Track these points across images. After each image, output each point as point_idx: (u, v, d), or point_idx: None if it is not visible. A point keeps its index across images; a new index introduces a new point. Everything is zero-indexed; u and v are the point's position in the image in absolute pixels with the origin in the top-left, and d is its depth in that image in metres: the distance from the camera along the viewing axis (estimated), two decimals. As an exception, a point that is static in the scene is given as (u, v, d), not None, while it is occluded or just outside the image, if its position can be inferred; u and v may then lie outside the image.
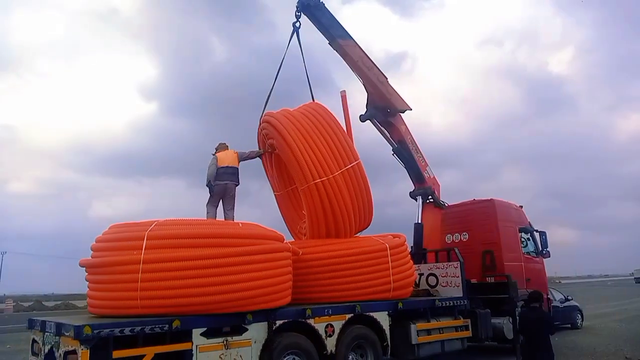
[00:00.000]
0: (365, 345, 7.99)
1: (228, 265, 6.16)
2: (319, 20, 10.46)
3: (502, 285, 10.46)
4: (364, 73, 10.93)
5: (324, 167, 8.15)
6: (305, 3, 10.24)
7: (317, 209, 8.25)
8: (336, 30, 10.61)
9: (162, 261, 5.95)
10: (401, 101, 11.50)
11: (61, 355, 5.51)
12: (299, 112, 8.87)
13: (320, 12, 10.47)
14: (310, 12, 10.35)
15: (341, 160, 8.35)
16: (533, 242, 12.62)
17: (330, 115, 8.83)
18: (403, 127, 11.68)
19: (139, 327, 5.51)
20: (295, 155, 8.10)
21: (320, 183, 8.06)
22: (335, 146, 8.40)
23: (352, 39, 10.75)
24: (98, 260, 6.41)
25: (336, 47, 10.71)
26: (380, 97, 11.25)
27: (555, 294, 16.61)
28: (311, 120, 8.59)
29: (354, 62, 10.79)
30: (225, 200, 8.58)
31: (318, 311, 7.34)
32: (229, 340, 6.21)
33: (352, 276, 8.05)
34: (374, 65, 11.04)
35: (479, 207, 12.13)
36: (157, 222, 6.51)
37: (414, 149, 11.83)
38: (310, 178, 8.05)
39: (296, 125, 8.38)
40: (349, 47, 10.70)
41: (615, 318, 20.19)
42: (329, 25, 10.54)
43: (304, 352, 7.02)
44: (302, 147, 8.14)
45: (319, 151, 8.23)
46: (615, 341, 12.96)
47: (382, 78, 11.20)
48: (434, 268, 10.76)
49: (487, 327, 10.32)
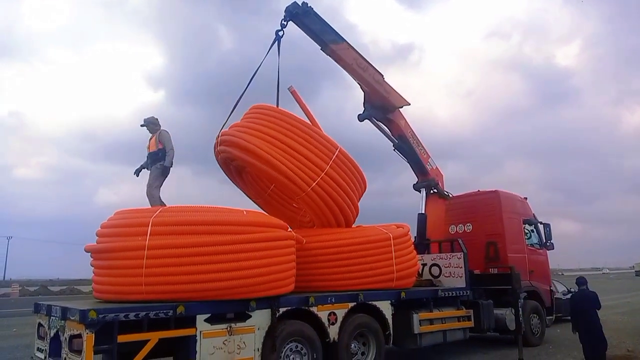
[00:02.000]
0: (367, 334, 8.03)
1: (232, 253, 6.17)
2: (309, 27, 9.81)
3: (505, 277, 10.45)
4: (359, 75, 10.50)
5: (312, 169, 7.81)
6: (294, 11, 9.48)
7: (322, 209, 8.11)
8: (328, 35, 9.98)
9: (166, 247, 5.97)
10: (399, 97, 11.23)
11: (66, 339, 5.56)
12: (255, 122, 8.09)
13: (310, 19, 9.77)
14: (300, 20, 9.65)
15: (323, 154, 8.02)
16: (537, 234, 12.61)
17: (286, 113, 8.27)
18: (402, 122, 11.49)
19: (143, 313, 5.55)
20: (281, 171, 7.57)
21: (316, 186, 7.79)
22: (310, 142, 7.97)
23: (344, 42, 10.20)
24: (103, 245, 6.44)
25: (329, 53, 10.12)
26: (377, 96, 10.90)
27: (558, 286, 16.60)
28: (273, 125, 7.94)
29: (349, 65, 10.27)
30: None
31: (321, 299, 7.37)
32: (233, 326, 6.25)
33: (356, 265, 8.06)
34: (369, 65, 10.58)
35: (483, 198, 12.11)
36: (162, 208, 6.54)
37: (415, 142, 11.71)
38: (306, 186, 7.73)
39: (265, 139, 7.72)
40: (342, 51, 10.14)
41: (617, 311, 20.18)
42: (320, 31, 9.89)
43: (306, 340, 7.06)
44: (283, 160, 7.61)
45: (299, 155, 7.77)
46: (617, 334, 12.96)
47: (378, 77, 10.79)
48: (437, 258, 10.77)
49: (489, 317, 10.36)
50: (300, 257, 7.48)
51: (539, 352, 10.41)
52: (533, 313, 11.49)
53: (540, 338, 11.51)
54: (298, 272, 7.28)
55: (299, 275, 7.32)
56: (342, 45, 10.15)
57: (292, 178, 7.61)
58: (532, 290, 11.75)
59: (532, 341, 11.06)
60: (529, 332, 11.08)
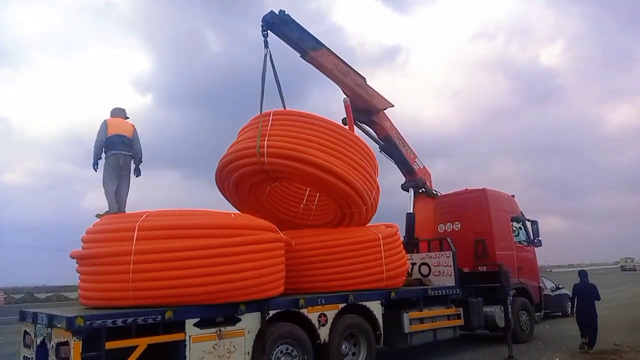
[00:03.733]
0: (358, 334, 8.03)
1: (221, 256, 6.13)
2: (288, 36, 9.56)
3: (494, 274, 10.52)
4: (340, 80, 10.28)
5: (370, 182, 8.11)
6: (271, 21, 9.19)
7: (369, 215, 8.48)
8: (307, 42, 9.76)
9: (153, 252, 5.91)
10: (382, 100, 11.16)
11: (53, 347, 5.47)
12: (307, 133, 7.70)
13: (288, 27, 9.50)
14: (278, 29, 9.37)
15: (370, 161, 8.35)
16: (525, 231, 12.71)
17: (335, 124, 8.28)
18: (387, 123, 11.45)
19: (131, 318, 5.49)
20: (356, 188, 7.68)
21: (374, 196, 8.20)
22: (360, 152, 8.16)
23: (324, 47, 9.95)
24: (89, 251, 6.36)
25: (309, 60, 9.90)
26: (360, 100, 10.75)
27: (547, 283, 16.74)
28: (329, 138, 7.80)
29: (329, 71, 10.05)
30: (120, 179, 7.57)
31: (311, 301, 7.35)
32: (222, 330, 6.20)
33: (345, 266, 8.06)
34: (350, 69, 10.41)
35: (471, 196, 12.18)
36: (148, 212, 6.47)
37: (401, 143, 11.70)
38: (367, 199, 7.97)
39: (329, 152, 7.59)
40: (322, 57, 9.91)
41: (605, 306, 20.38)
42: (298, 39, 9.66)
43: (297, 342, 7.04)
44: (354, 175, 7.72)
45: (359, 167, 7.92)
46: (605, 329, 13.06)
47: (360, 80, 10.61)
48: (426, 257, 10.81)
49: (479, 315, 10.42)
50: (290, 259, 7.46)
51: (529, 349, 10.49)
52: (522, 310, 11.57)
53: (529, 334, 11.60)
54: (288, 274, 7.26)
55: (288, 276, 7.30)
56: (322, 52, 9.93)
57: (362, 194, 7.79)
58: (521, 287, 11.84)
59: (522, 338, 11.13)
60: (518, 328, 11.15)
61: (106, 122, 7.62)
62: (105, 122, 7.62)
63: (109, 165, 7.48)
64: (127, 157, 7.62)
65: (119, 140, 7.54)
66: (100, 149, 7.56)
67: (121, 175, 7.61)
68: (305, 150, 7.43)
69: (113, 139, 7.51)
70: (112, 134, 7.53)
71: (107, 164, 7.50)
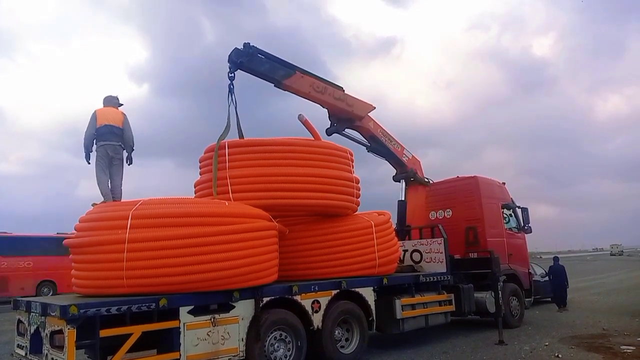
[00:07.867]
0: (351, 320, 8.11)
1: (214, 244, 6.15)
2: (257, 70, 8.93)
3: (485, 261, 10.62)
4: (319, 99, 9.77)
5: (349, 186, 8.60)
6: (238, 61, 8.51)
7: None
8: (279, 72, 9.08)
9: (147, 240, 5.91)
10: (363, 105, 10.77)
11: (47, 335, 5.50)
12: (275, 163, 7.69)
13: (257, 61, 8.84)
14: (246, 67, 8.72)
15: (346, 165, 8.72)
16: (515, 218, 12.83)
17: (295, 143, 8.10)
18: (371, 124, 11.17)
19: (125, 306, 5.51)
20: (337, 208, 8.36)
21: (355, 197, 8.85)
22: (335, 161, 8.46)
23: (296, 70, 9.29)
24: (82, 240, 6.35)
25: (284, 89, 9.31)
26: (341, 111, 10.38)
27: (537, 269, 16.94)
28: (299, 161, 7.90)
29: (307, 93, 9.51)
30: (112, 169, 7.53)
31: (304, 288, 7.41)
32: (217, 317, 6.25)
33: (338, 253, 8.13)
34: (327, 84, 9.81)
35: (462, 184, 12.24)
36: (142, 201, 6.46)
37: (387, 139, 11.53)
38: (352, 207, 8.73)
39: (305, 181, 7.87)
40: (297, 82, 9.27)
41: (593, 292, 20.74)
42: (269, 70, 9.00)
43: (290, 328, 7.11)
44: (334, 198, 8.23)
45: (338, 180, 8.32)
46: (593, 314, 13.33)
47: (339, 93, 10.03)
48: (418, 244, 10.89)
49: (470, 301, 10.52)
50: (283, 246, 7.52)
51: (519, 334, 10.64)
52: (512, 296, 11.71)
53: (519, 320, 11.75)
54: (281, 261, 7.31)
55: (282, 263, 7.35)
56: (295, 76, 9.26)
57: (345, 207, 8.43)
58: (511, 274, 11.97)
59: (512, 323, 11.29)
60: (509, 314, 11.30)
61: (95, 113, 7.58)
62: (95, 113, 7.59)
63: (99, 157, 7.48)
64: (117, 147, 7.58)
65: (108, 131, 7.51)
66: (90, 141, 7.54)
67: (113, 164, 7.58)
68: (274, 195, 7.50)
69: (102, 130, 7.49)
70: (101, 125, 7.50)
71: (97, 156, 7.50)
